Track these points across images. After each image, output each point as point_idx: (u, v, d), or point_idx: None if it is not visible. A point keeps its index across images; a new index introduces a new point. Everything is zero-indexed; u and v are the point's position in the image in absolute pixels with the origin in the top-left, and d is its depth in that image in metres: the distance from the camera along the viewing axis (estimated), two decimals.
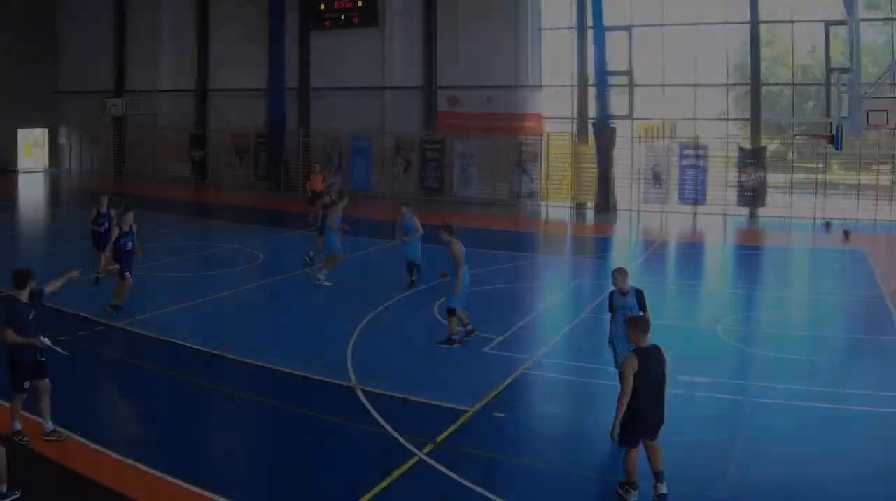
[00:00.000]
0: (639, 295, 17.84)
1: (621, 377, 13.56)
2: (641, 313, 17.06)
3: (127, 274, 25.10)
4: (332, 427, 17.19)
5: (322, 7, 58.87)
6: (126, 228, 25.43)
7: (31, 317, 15.48)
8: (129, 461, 15.01)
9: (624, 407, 13.32)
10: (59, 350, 15.73)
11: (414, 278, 29.49)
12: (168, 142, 67.42)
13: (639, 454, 13.66)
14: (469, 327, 23.15)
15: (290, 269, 32.95)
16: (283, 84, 59.47)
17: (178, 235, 40.82)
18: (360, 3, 57.41)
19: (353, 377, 19.94)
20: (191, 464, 15.22)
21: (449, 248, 23.05)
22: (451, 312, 22.63)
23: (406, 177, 56.08)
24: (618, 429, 13.44)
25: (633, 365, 13.31)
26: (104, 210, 30.22)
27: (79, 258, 25.86)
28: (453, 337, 22.62)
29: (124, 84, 69.04)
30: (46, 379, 15.62)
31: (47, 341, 15.47)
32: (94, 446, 15.45)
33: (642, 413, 13.40)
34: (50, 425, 15.67)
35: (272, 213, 51.61)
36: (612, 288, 18.28)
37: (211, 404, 18.92)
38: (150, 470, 14.71)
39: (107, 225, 29.03)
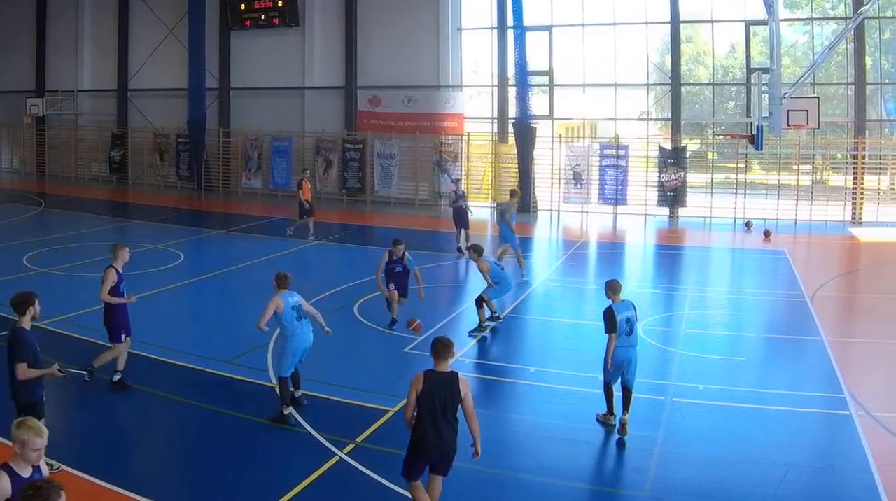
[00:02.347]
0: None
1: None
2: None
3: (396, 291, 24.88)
4: (253, 427, 17.06)
5: (242, 7, 58.31)
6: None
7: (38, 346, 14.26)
8: (50, 460, 14.64)
9: (408, 426, 12.70)
10: (76, 371, 14.97)
11: (285, 411, 17.71)
12: (89, 142, 66.75)
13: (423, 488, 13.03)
14: (497, 315, 25.14)
15: (211, 269, 32.71)
16: (203, 84, 58.87)
17: (97, 236, 40.26)
18: (280, 3, 56.94)
19: (273, 378, 19.76)
20: (110, 464, 15.05)
21: (478, 266, 24.86)
22: (478, 303, 24.60)
23: (326, 177, 55.74)
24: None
25: (415, 386, 12.45)
26: (121, 268, 19.58)
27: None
28: (483, 324, 24.46)
29: (45, 84, 67.97)
30: (44, 418, 13.94)
31: (60, 369, 14.18)
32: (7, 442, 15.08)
33: (421, 442, 12.54)
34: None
35: (193, 213, 51.27)
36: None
37: (131, 404, 18.56)
38: (73, 471, 14.51)
39: (123, 291, 19.59)
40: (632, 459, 15.68)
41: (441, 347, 12.63)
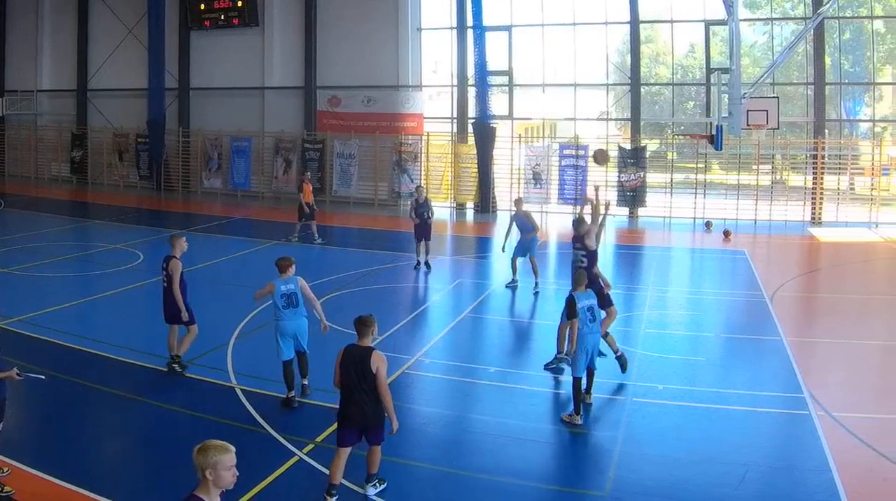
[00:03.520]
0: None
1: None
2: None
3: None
4: (212, 427, 16.79)
5: (202, 7, 58.11)
6: None
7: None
8: (9, 460, 14.58)
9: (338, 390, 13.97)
10: (34, 376, 14.74)
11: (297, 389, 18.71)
12: (49, 142, 66.33)
13: (345, 456, 13.76)
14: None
15: None
16: (162, 84, 58.43)
17: (57, 236, 40.01)
18: (240, 3, 56.78)
19: (232, 377, 19.78)
20: (70, 464, 14.91)
21: (602, 282, 22.00)
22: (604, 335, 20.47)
23: (285, 178, 55.58)
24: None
25: (338, 359, 13.80)
26: (178, 253, 20.68)
27: None
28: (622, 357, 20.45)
29: (4, 84, 67.61)
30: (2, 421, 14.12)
31: (18, 372, 13.82)
32: None
33: (341, 409, 13.82)
34: None
35: (152, 213, 50.92)
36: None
37: (90, 404, 18.46)
38: (30, 470, 14.40)
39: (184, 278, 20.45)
40: (592, 459, 15.72)
41: (359, 325, 13.90)
